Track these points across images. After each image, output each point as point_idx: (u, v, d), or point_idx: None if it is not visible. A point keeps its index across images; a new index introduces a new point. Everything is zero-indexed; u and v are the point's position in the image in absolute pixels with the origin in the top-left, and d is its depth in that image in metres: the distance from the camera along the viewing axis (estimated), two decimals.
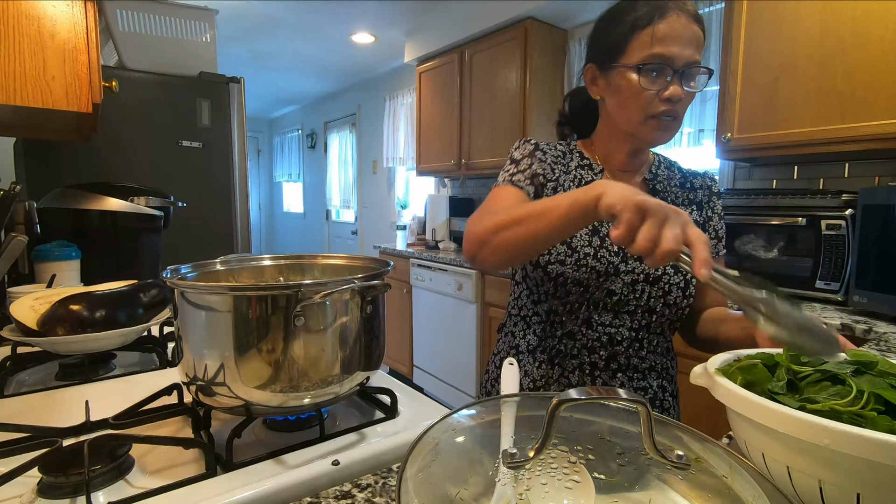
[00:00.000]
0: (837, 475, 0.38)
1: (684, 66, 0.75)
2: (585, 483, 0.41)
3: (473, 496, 0.40)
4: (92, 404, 0.70)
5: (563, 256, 0.80)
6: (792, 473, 0.40)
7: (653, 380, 0.85)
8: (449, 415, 0.45)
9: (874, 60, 1.53)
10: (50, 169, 1.91)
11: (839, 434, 0.36)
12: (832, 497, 0.39)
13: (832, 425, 0.36)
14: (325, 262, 0.90)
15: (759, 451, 0.43)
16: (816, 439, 0.37)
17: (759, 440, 0.43)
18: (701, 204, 0.90)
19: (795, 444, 0.39)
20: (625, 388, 0.83)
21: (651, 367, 0.85)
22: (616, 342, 0.82)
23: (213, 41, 2.28)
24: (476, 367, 2.78)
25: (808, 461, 0.39)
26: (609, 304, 0.81)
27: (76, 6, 1.16)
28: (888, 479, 0.36)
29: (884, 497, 0.36)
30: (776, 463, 0.41)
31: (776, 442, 0.41)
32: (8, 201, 1.07)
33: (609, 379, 0.83)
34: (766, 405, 0.40)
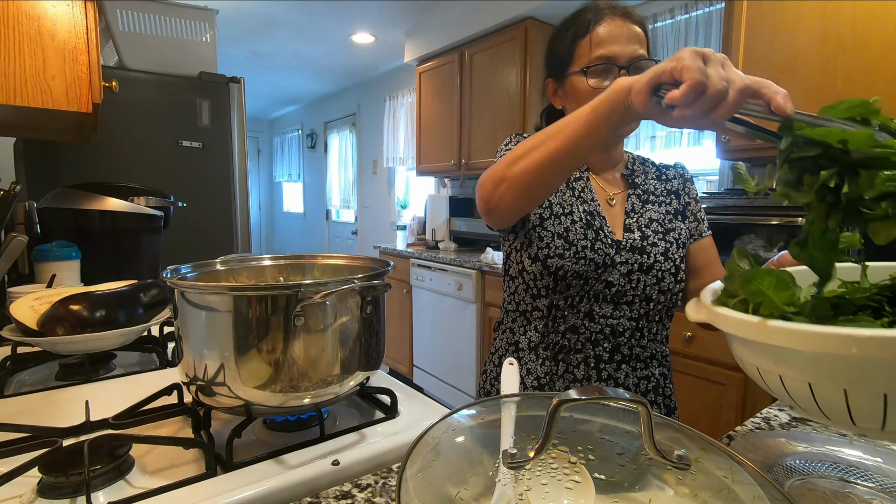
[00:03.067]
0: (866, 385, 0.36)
1: (629, 62, 0.79)
2: (585, 483, 0.41)
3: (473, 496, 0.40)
4: (92, 404, 0.70)
5: (561, 250, 0.81)
6: (816, 391, 0.39)
7: (654, 368, 0.87)
8: (449, 415, 0.45)
9: (874, 60, 1.53)
10: (50, 169, 1.90)
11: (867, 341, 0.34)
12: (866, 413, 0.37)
13: (859, 333, 0.34)
14: (325, 262, 0.91)
15: (775, 374, 0.41)
16: (843, 349, 0.35)
17: (775, 363, 0.41)
18: (678, 192, 0.92)
19: (815, 360, 0.37)
20: (629, 378, 0.85)
21: (652, 356, 0.86)
22: (618, 333, 0.83)
23: (213, 41, 2.28)
24: (476, 367, 2.78)
25: (833, 374, 0.37)
26: (608, 296, 0.82)
27: (76, 6, 1.16)
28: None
29: None
30: (797, 382, 0.40)
31: (795, 360, 0.39)
32: (8, 201, 1.07)
33: (614, 371, 0.84)
34: (781, 326, 0.37)
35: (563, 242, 0.82)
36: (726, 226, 1.84)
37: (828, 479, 0.54)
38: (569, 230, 0.82)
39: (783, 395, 0.42)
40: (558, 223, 0.83)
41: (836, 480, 0.54)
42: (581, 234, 0.82)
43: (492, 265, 2.62)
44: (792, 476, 0.54)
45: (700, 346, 1.69)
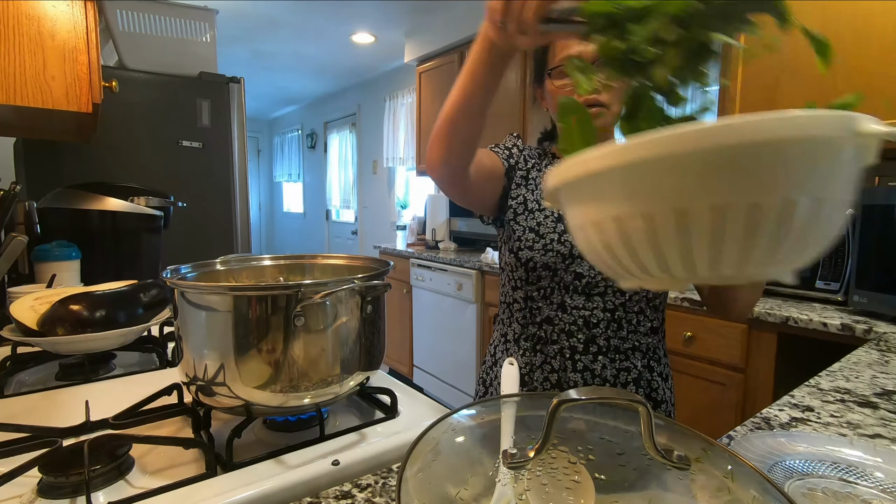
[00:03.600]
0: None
1: (593, 60, 0.79)
2: (585, 483, 0.41)
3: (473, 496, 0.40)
4: (92, 404, 0.70)
5: (531, 242, 0.85)
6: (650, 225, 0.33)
7: (637, 360, 0.86)
8: (449, 415, 0.45)
9: (874, 60, 1.53)
10: (50, 169, 1.90)
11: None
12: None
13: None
14: (325, 262, 0.91)
15: (609, 222, 0.35)
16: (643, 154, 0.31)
17: (599, 204, 0.35)
18: None
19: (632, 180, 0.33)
20: (607, 370, 0.85)
21: (634, 348, 0.86)
22: (592, 325, 0.85)
23: (213, 41, 2.28)
24: (476, 367, 2.78)
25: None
26: (579, 287, 0.85)
27: (76, 6, 1.16)
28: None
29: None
30: (634, 221, 0.34)
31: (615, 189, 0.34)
32: (8, 201, 1.07)
33: (590, 362, 0.85)
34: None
35: (534, 235, 0.86)
36: None
37: (828, 479, 0.54)
38: (541, 224, 0.86)
39: (633, 255, 0.35)
40: (531, 217, 0.87)
41: (836, 480, 0.54)
42: (551, 228, 0.86)
43: (492, 265, 2.62)
44: (792, 476, 0.54)
45: (700, 346, 1.69)
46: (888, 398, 0.80)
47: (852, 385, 0.86)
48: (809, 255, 0.34)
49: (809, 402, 0.78)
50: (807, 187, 0.31)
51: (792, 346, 1.53)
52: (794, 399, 0.78)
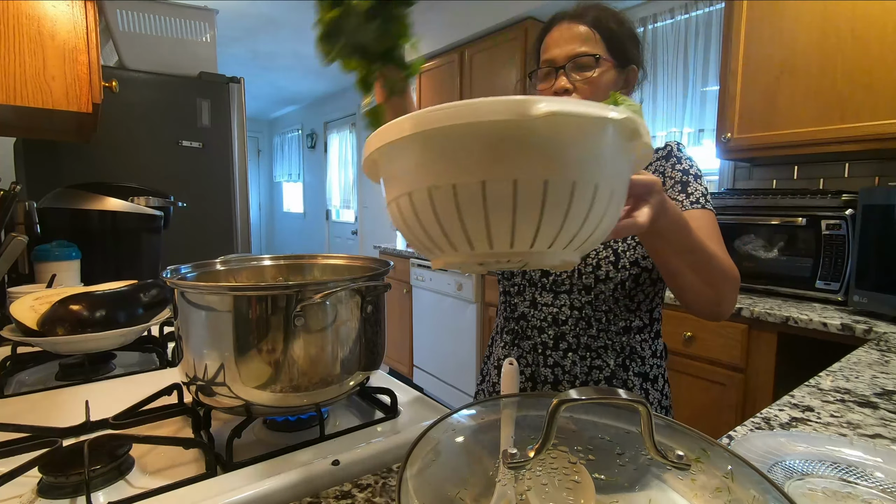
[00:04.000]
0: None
1: (566, 61, 0.82)
2: (585, 483, 0.41)
3: (473, 496, 0.40)
4: (92, 404, 0.70)
5: None
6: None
7: (609, 358, 0.86)
8: (449, 415, 0.45)
9: (874, 60, 1.53)
10: (50, 169, 1.90)
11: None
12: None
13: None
14: (325, 262, 0.90)
15: (424, 191, 0.38)
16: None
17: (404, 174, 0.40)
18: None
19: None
20: (577, 367, 0.86)
21: (607, 346, 0.86)
22: (560, 322, 0.86)
23: (213, 41, 2.28)
24: (476, 367, 2.78)
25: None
26: (547, 285, 0.87)
27: (76, 6, 1.16)
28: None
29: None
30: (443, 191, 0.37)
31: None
32: (8, 201, 1.07)
33: (560, 359, 0.87)
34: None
35: None
36: (726, 225, 1.84)
37: (828, 479, 0.54)
38: None
39: (422, 228, 0.40)
40: None
41: (836, 480, 0.54)
42: None
43: None
44: (792, 476, 0.54)
45: (700, 346, 1.69)
46: (888, 398, 0.80)
47: (852, 385, 0.86)
48: (574, 234, 0.38)
49: (809, 402, 0.78)
50: (515, 168, 0.34)
51: (792, 346, 1.53)
52: (794, 399, 0.78)
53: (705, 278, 0.72)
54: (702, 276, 0.71)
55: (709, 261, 0.70)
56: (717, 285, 0.73)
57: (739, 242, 1.84)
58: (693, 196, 0.84)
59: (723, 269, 0.73)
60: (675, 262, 0.70)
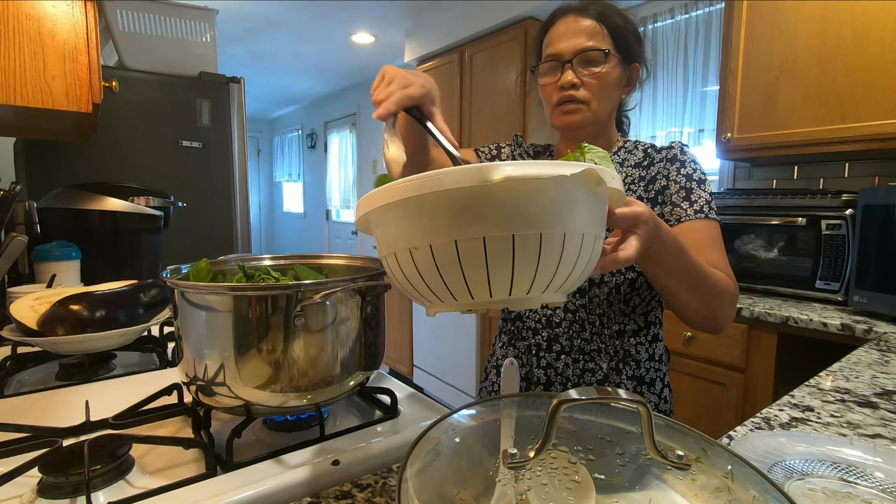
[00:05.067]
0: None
1: (573, 55, 0.81)
2: (585, 483, 0.41)
3: (473, 496, 0.40)
4: (92, 404, 0.70)
5: None
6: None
7: (602, 362, 0.85)
8: (449, 415, 0.45)
9: (874, 60, 1.53)
10: (50, 169, 1.90)
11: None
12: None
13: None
14: (325, 262, 0.90)
15: (426, 248, 0.41)
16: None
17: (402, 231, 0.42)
18: (654, 178, 0.87)
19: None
20: (570, 369, 0.85)
21: (600, 350, 0.85)
22: (554, 324, 0.87)
23: (213, 41, 2.28)
24: (476, 367, 2.78)
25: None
26: None
27: (76, 6, 1.16)
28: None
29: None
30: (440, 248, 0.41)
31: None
32: (8, 201, 1.07)
33: (553, 361, 0.87)
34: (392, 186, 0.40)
35: None
36: (726, 226, 1.84)
37: (828, 479, 0.54)
38: None
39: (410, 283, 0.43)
40: None
41: (836, 480, 0.54)
42: None
43: None
44: (792, 476, 0.54)
45: (700, 346, 1.69)
46: (888, 398, 0.80)
47: (852, 385, 0.86)
48: (550, 279, 0.41)
49: (809, 402, 0.78)
50: (482, 227, 0.38)
51: (792, 346, 1.53)
52: (794, 399, 0.78)
53: (701, 297, 0.72)
54: (697, 295, 0.71)
55: (704, 281, 0.70)
56: (713, 303, 0.73)
57: (739, 242, 1.84)
58: (697, 205, 0.82)
59: (720, 287, 0.73)
60: (669, 284, 0.70)
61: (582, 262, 0.42)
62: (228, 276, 0.82)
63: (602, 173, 0.40)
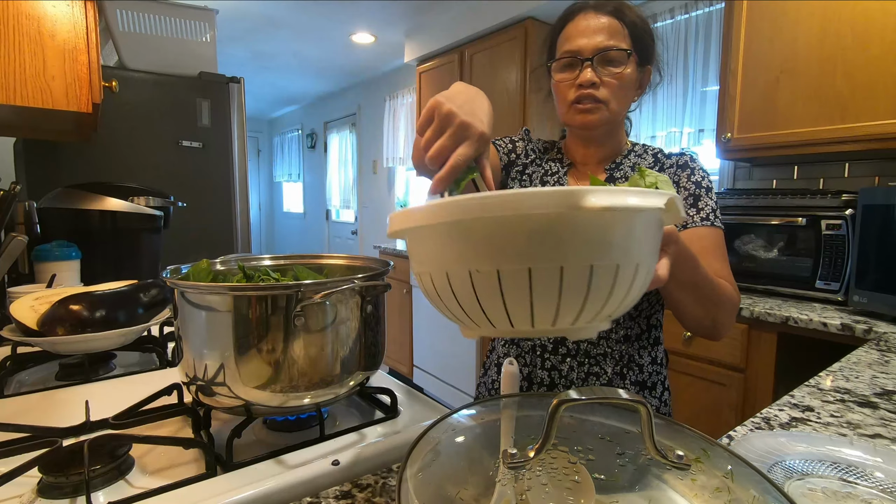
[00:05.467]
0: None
1: (594, 53, 0.80)
2: (585, 483, 0.41)
3: (473, 496, 0.40)
4: (92, 404, 0.70)
5: None
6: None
7: (608, 366, 0.85)
8: (449, 415, 0.45)
9: (874, 60, 1.53)
10: (50, 169, 1.90)
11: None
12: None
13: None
14: (325, 262, 0.90)
15: (465, 271, 0.38)
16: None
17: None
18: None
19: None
20: (574, 372, 0.85)
21: (606, 354, 0.85)
22: None
23: (213, 41, 2.28)
24: (476, 367, 2.78)
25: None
26: None
27: (76, 6, 1.16)
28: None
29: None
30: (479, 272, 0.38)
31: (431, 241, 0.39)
32: (8, 201, 1.07)
33: (558, 363, 0.86)
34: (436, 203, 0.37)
35: None
36: (726, 226, 1.84)
37: (828, 479, 0.54)
38: None
39: (482, 306, 0.39)
40: None
41: (836, 480, 0.54)
42: None
43: None
44: (792, 476, 0.54)
45: (700, 346, 1.69)
46: (888, 398, 0.80)
47: (852, 385, 0.86)
48: (615, 308, 0.39)
49: (809, 402, 0.78)
50: (561, 255, 0.35)
51: (792, 346, 1.53)
52: (794, 399, 0.78)
53: (706, 308, 0.72)
54: (703, 307, 0.72)
55: (712, 293, 0.70)
56: (716, 313, 0.74)
57: (739, 242, 1.84)
58: (703, 212, 0.83)
59: (724, 298, 0.73)
60: (678, 295, 0.71)
61: (637, 289, 0.40)
62: (228, 277, 0.82)
63: (678, 202, 0.38)
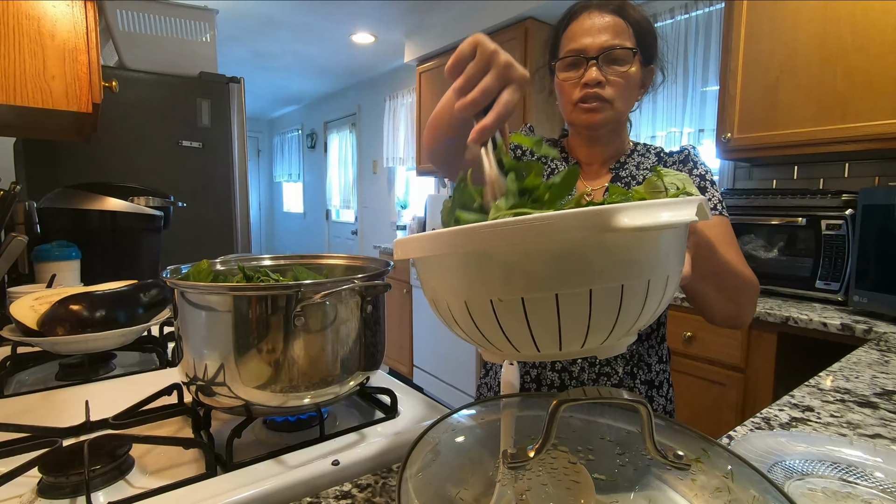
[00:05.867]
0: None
1: (599, 52, 0.80)
2: (585, 483, 0.41)
3: (473, 496, 0.40)
4: (92, 404, 0.70)
5: None
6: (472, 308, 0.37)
7: (618, 366, 0.85)
8: (449, 415, 0.45)
9: (874, 60, 1.53)
10: (50, 169, 1.90)
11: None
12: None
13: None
14: (325, 262, 0.90)
15: (460, 300, 0.38)
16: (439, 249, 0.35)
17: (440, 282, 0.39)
18: None
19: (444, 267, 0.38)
20: (585, 373, 0.84)
21: (617, 354, 0.84)
22: None
23: (213, 41, 2.28)
24: (476, 367, 2.78)
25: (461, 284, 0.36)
26: None
27: (76, 6, 1.16)
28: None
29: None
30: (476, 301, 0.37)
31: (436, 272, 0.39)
32: (8, 201, 1.07)
33: (569, 364, 0.85)
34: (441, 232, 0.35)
35: None
36: None
37: (828, 479, 0.54)
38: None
39: (483, 332, 0.39)
40: None
41: (836, 480, 0.54)
42: None
43: None
44: (792, 476, 0.54)
45: (700, 346, 1.69)
46: (888, 398, 0.80)
47: (852, 385, 0.86)
48: (646, 321, 0.38)
49: (809, 402, 0.78)
50: (591, 278, 0.33)
51: (792, 346, 1.53)
52: (794, 399, 0.78)
53: (728, 296, 0.72)
54: (725, 295, 0.72)
55: (733, 279, 0.70)
56: (739, 300, 0.74)
57: (739, 242, 1.84)
58: (711, 202, 0.84)
59: (745, 284, 0.73)
60: (699, 286, 0.70)
61: (667, 298, 0.37)
62: (228, 277, 0.82)
63: (706, 205, 0.35)
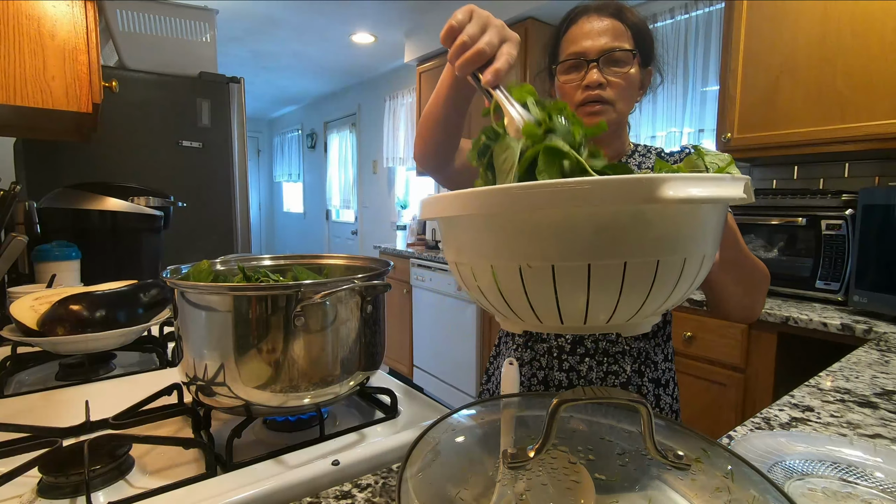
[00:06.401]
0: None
1: (600, 55, 0.80)
2: (585, 483, 0.41)
3: (473, 496, 0.40)
4: (92, 404, 0.70)
5: None
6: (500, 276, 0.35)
7: (626, 364, 0.85)
8: (449, 415, 0.45)
9: (874, 60, 1.53)
10: (50, 169, 1.90)
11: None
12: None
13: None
14: (325, 262, 0.90)
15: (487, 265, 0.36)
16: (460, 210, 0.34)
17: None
18: None
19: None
20: (593, 372, 0.85)
21: (624, 352, 0.85)
22: None
23: (213, 41, 2.28)
24: (476, 366, 2.78)
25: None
26: None
27: (76, 6, 1.16)
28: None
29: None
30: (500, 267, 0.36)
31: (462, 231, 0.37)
32: (8, 201, 1.07)
33: (577, 363, 0.86)
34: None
35: None
36: None
37: (828, 479, 0.54)
38: None
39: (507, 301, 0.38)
40: None
41: (836, 480, 0.53)
42: None
43: None
44: (792, 476, 0.54)
45: (700, 346, 1.69)
46: (888, 398, 0.80)
47: (852, 385, 0.86)
48: (676, 301, 0.37)
49: (809, 402, 0.78)
50: (627, 250, 0.32)
51: (792, 346, 1.53)
52: (794, 399, 0.78)
53: (746, 288, 0.73)
54: (743, 286, 0.72)
55: (752, 270, 0.71)
56: (754, 292, 0.74)
57: None
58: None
59: (761, 275, 0.74)
60: (719, 276, 0.71)
61: (699, 279, 0.36)
62: (228, 277, 0.82)
63: (750, 185, 0.34)
